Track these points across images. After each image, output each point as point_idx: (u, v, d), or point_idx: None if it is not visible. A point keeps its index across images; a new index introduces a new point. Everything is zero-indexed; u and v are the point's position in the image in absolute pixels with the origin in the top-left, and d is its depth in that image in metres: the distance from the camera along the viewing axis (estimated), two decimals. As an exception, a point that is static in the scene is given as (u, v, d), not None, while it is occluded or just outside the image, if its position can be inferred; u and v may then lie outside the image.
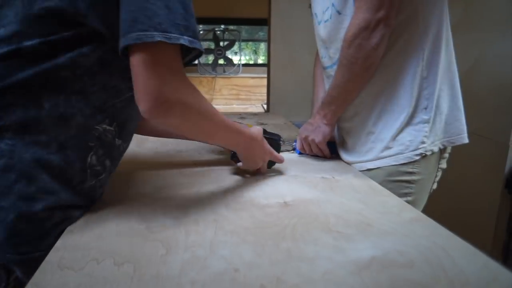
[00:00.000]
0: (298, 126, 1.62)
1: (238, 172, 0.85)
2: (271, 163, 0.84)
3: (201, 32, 3.88)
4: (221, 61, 3.91)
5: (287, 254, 0.49)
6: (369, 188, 0.76)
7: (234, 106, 3.85)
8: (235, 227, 0.58)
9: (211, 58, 3.92)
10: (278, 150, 0.89)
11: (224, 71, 3.92)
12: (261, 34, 4.44)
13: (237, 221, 0.60)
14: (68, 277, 0.44)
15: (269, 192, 0.72)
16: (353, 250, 0.50)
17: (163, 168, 0.86)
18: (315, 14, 0.96)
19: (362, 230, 0.57)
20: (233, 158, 0.84)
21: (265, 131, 0.84)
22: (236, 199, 0.68)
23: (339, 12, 0.84)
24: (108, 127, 0.60)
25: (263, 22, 2.60)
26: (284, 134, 1.36)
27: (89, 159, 0.58)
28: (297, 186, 0.77)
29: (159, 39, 0.48)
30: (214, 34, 3.86)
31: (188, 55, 0.55)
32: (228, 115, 0.73)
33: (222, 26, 3.99)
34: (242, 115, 1.85)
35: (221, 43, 3.88)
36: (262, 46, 4.69)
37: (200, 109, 0.58)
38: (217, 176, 0.82)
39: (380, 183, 0.79)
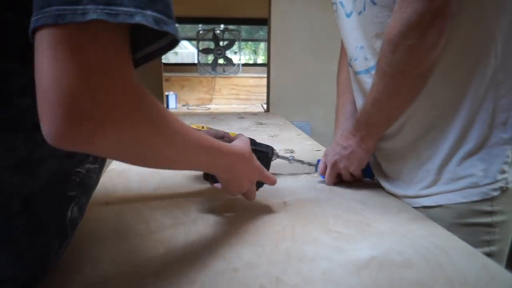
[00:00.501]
0: (298, 126, 1.62)
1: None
2: (259, 184, 0.64)
3: (200, 32, 3.88)
4: (220, 61, 3.92)
5: (286, 254, 0.50)
6: (369, 189, 0.76)
7: (234, 106, 3.86)
8: (235, 227, 0.58)
9: (210, 58, 3.93)
10: (268, 167, 0.69)
11: (224, 71, 3.92)
12: (261, 33, 4.44)
13: (236, 221, 0.60)
14: (68, 277, 0.44)
15: (268, 192, 0.72)
16: (352, 250, 0.50)
17: (163, 168, 0.86)
18: (340, 2, 0.74)
19: (361, 230, 0.57)
20: (208, 177, 0.63)
21: (253, 142, 0.67)
22: (235, 199, 0.68)
23: (373, 2, 0.64)
24: (92, 166, 0.42)
25: (263, 22, 2.60)
26: (285, 133, 1.36)
27: (69, 213, 0.40)
28: (296, 186, 0.78)
29: (94, 16, 0.28)
30: (214, 34, 3.87)
31: (152, 43, 0.35)
32: (228, 115, 0.71)
33: (222, 26, 3.99)
34: (241, 115, 1.85)
35: (221, 43, 3.89)
36: (262, 46, 4.70)
37: (154, 126, 0.36)
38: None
39: (448, 228, 0.58)
